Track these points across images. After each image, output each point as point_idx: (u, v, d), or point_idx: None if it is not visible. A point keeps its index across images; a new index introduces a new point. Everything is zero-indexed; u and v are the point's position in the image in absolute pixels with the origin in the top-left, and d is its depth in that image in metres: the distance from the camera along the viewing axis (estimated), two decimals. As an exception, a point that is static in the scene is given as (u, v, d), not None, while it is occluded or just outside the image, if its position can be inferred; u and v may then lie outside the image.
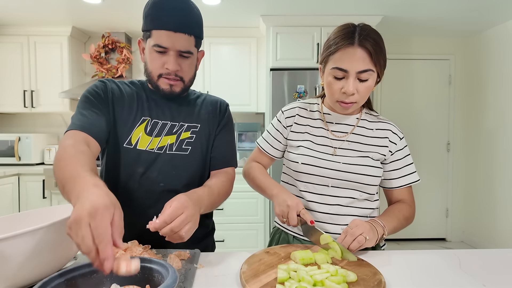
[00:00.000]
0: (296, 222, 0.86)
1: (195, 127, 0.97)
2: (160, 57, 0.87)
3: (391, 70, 3.54)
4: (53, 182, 2.74)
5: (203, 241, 1.03)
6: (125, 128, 0.91)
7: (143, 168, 0.90)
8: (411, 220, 0.97)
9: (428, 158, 3.58)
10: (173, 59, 0.87)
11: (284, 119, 1.05)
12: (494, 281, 0.69)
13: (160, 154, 0.92)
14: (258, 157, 1.11)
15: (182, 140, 0.94)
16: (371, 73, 0.88)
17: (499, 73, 3.10)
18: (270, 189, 0.97)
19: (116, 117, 0.91)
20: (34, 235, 0.57)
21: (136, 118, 0.93)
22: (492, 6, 2.65)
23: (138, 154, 0.90)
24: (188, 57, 0.89)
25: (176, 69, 0.88)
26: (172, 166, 0.92)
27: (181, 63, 0.89)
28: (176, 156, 0.93)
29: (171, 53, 0.86)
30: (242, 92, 3.17)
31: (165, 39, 0.84)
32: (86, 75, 3.37)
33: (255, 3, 2.60)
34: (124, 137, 0.91)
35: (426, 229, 3.63)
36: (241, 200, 2.86)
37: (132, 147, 0.90)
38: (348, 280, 0.65)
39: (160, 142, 0.92)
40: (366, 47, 0.85)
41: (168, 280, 0.51)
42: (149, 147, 0.91)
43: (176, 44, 0.85)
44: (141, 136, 0.91)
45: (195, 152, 0.95)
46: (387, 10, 2.73)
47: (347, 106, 0.92)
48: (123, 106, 0.93)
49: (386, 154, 0.98)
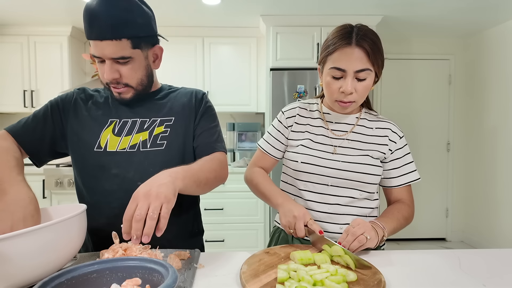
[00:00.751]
0: (304, 233, 0.85)
1: (169, 120, 0.95)
2: (101, 66, 0.86)
3: (391, 70, 3.55)
4: (53, 182, 2.74)
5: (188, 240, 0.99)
6: (92, 133, 0.91)
7: (118, 169, 0.89)
8: (411, 220, 0.98)
9: (428, 158, 3.58)
10: (108, 68, 0.84)
11: (285, 119, 1.06)
12: (494, 281, 0.69)
13: (133, 152, 0.90)
14: (260, 160, 1.10)
15: (156, 135, 0.92)
16: (369, 72, 0.89)
17: (499, 73, 3.10)
18: (275, 198, 0.97)
19: (82, 125, 0.92)
20: (34, 235, 0.57)
21: (103, 122, 0.92)
22: (492, 6, 2.65)
23: (109, 156, 0.89)
24: (125, 62, 0.85)
25: (113, 77, 0.85)
26: (148, 163, 0.89)
27: (120, 69, 0.86)
28: (151, 153, 0.90)
29: (106, 61, 0.84)
30: (242, 92, 3.17)
31: (95, 48, 0.83)
32: (86, 75, 3.37)
33: (255, 3, 2.60)
34: (93, 142, 0.90)
35: (426, 229, 3.63)
36: (241, 200, 2.86)
37: (102, 150, 0.90)
38: (348, 280, 0.65)
39: (131, 140, 0.91)
40: (364, 47, 0.86)
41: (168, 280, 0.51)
42: (119, 147, 0.90)
43: (105, 52, 0.82)
44: (110, 137, 0.91)
45: (172, 145, 0.92)
46: (387, 10, 2.73)
47: (346, 105, 0.93)
48: (89, 113, 0.93)
49: (386, 152, 0.98)
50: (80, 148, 0.92)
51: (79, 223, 0.68)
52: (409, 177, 1.00)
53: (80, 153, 0.92)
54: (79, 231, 0.68)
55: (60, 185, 2.74)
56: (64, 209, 0.78)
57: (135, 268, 0.59)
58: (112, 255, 0.69)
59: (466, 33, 3.36)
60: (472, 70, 3.45)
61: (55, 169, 2.76)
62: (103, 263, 0.59)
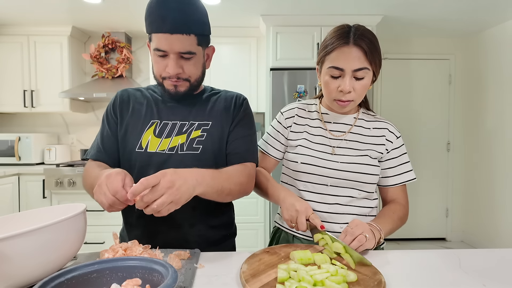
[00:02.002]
0: (306, 227, 0.85)
1: (206, 124, 0.95)
2: (162, 60, 0.87)
3: (391, 70, 3.55)
4: (53, 182, 2.74)
5: (221, 244, 0.99)
6: (135, 133, 0.93)
7: (156, 170, 0.89)
8: (405, 221, 0.99)
9: (428, 158, 3.58)
10: (173, 62, 0.85)
11: (284, 120, 1.06)
12: (494, 281, 0.69)
13: (172, 154, 0.91)
14: (261, 162, 1.11)
15: (193, 139, 0.93)
16: (367, 71, 0.90)
17: (499, 72, 3.10)
18: (277, 193, 0.96)
19: (127, 125, 0.95)
20: (34, 235, 0.57)
21: (145, 122, 0.94)
22: (492, 6, 2.65)
23: (149, 157, 0.91)
24: (189, 57, 0.87)
25: (177, 72, 0.87)
26: (184, 166, 0.89)
27: (184, 65, 0.87)
28: (188, 156, 0.91)
29: (171, 56, 0.85)
30: (242, 92, 3.10)
31: (163, 42, 0.83)
32: (86, 75, 3.37)
33: (255, 3, 2.60)
34: (135, 142, 0.93)
35: (426, 229, 3.63)
36: (241, 200, 2.84)
37: (143, 150, 0.91)
38: (348, 280, 0.65)
39: (170, 142, 0.92)
40: (361, 46, 0.88)
41: (168, 280, 0.51)
42: (159, 148, 0.91)
43: (174, 46, 0.83)
44: (151, 138, 0.92)
45: (207, 150, 0.93)
46: (387, 9, 2.73)
47: (344, 104, 0.94)
48: (133, 113, 0.96)
49: (383, 152, 0.99)
50: (124, 149, 0.94)
51: (79, 223, 0.68)
52: (405, 176, 1.00)
53: (125, 154, 0.94)
54: (79, 231, 0.68)
55: (60, 185, 2.74)
56: (64, 209, 0.78)
57: (135, 268, 0.59)
58: (112, 255, 0.69)
59: (466, 33, 3.36)
60: (472, 70, 3.45)
61: (55, 169, 2.76)
62: (103, 263, 0.59)
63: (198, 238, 0.94)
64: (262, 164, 1.11)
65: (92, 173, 0.87)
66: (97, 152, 0.95)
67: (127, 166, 0.93)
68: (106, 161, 0.94)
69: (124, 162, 0.95)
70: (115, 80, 3.11)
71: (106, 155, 0.95)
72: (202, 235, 0.95)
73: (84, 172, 0.94)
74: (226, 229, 1.03)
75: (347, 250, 0.76)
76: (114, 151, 0.96)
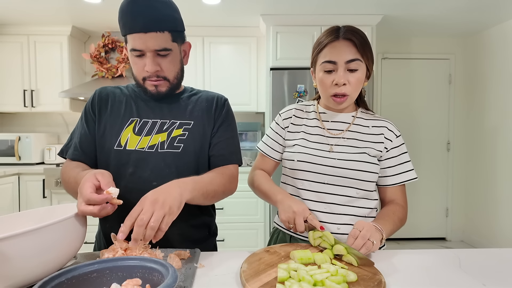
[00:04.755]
0: (303, 229, 0.85)
1: (188, 124, 0.95)
2: (140, 60, 0.88)
3: (391, 70, 3.54)
4: (53, 182, 2.74)
5: (202, 243, 1.00)
6: (114, 131, 0.93)
7: (134, 168, 0.90)
8: (404, 222, 0.98)
9: (428, 157, 3.58)
10: (150, 60, 0.86)
11: (282, 121, 1.08)
12: (494, 281, 0.69)
13: (151, 152, 0.91)
14: (261, 163, 1.11)
15: (174, 137, 0.93)
16: (359, 63, 0.93)
17: (499, 72, 3.10)
18: (274, 195, 0.97)
19: (105, 123, 0.94)
20: (34, 234, 0.57)
21: (124, 120, 0.94)
22: (492, 6, 2.64)
23: (128, 155, 0.91)
24: (166, 54, 0.88)
25: (155, 69, 0.88)
26: (164, 165, 0.91)
27: (161, 62, 0.88)
28: (168, 154, 0.91)
29: (148, 54, 0.86)
30: (242, 92, 3.16)
31: (137, 41, 0.85)
32: (86, 74, 3.37)
33: (255, 3, 2.60)
34: (114, 140, 0.92)
35: (426, 229, 3.63)
36: (241, 200, 2.86)
37: (122, 148, 0.91)
38: (348, 280, 0.65)
39: (150, 140, 0.92)
40: (351, 39, 0.92)
41: (168, 280, 0.51)
42: (138, 146, 0.91)
43: (149, 44, 0.84)
44: (130, 136, 0.92)
45: (188, 149, 0.93)
46: (387, 9, 2.73)
47: (341, 100, 0.95)
48: (112, 111, 0.95)
49: (382, 150, 0.98)
50: (103, 147, 0.94)
51: (79, 223, 0.68)
52: (405, 176, 0.99)
53: (102, 152, 0.94)
54: (79, 231, 0.68)
55: (60, 185, 2.74)
56: (64, 209, 0.78)
57: (135, 267, 0.59)
58: (112, 255, 0.69)
59: (466, 33, 3.36)
60: (472, 70, 3.45)
61: (55, 169, 2.76)
62: (103, 263, 0.59)
63: (179, 237, 0.93)
64: (262, 166, 1.11)
65: (71, 176, 0.87)
66: (74, 151, 0.94)
67: (105, 164, 0.93)
68: (84, 160, 0.94)
69: (102, 160, 0.94)
70: (115, 79, 3.10)
71: (83, 154, 0.94)
72: (183, 234, 0.94)
73: (62, 175, 0.92)
74: (207, 228, 1.03)
75: (349, 251, 0.76)
76: (91, 150, 0.95)
